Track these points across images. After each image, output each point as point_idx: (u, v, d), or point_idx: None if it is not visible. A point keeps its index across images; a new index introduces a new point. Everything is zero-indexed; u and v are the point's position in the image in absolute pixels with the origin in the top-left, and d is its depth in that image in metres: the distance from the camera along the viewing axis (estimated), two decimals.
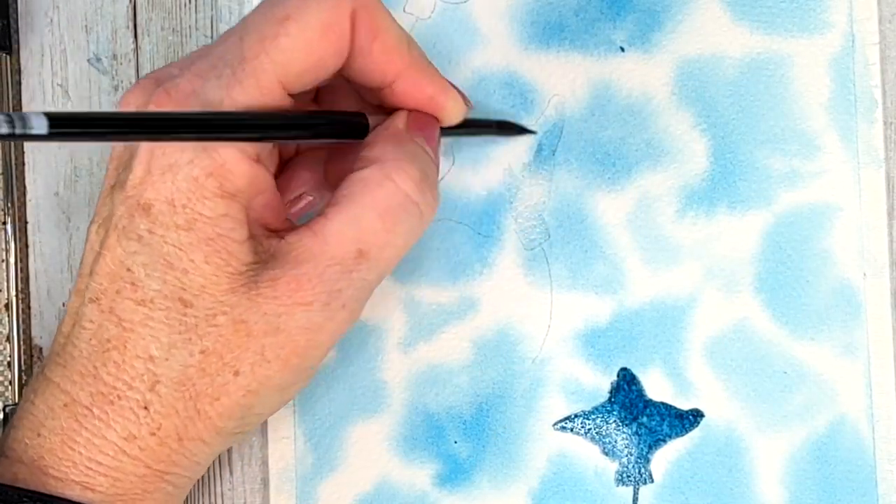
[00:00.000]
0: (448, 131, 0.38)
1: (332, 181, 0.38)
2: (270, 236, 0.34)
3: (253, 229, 0.34)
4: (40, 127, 0.27)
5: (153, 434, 0.33)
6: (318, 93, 0.38)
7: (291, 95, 0.34)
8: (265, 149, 0.34)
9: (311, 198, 0.39)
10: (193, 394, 0.33)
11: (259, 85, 0.32)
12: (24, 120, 0.26)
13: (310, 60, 0.33)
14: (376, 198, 0.34)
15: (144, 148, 0.33)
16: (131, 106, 0.34)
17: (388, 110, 0.37)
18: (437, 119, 0.37)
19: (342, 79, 0.36)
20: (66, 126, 0.27)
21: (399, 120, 0.36)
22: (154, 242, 0.33)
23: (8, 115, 0.26)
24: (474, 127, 0.40)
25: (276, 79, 0.33)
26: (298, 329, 0.34)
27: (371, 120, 0.36)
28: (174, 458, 0.34)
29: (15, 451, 0.34)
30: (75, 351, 0.34)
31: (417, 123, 0.36)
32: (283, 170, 0.38)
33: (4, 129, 0.26)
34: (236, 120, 0.32)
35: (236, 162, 0.33)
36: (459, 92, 0.37)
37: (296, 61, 0.33)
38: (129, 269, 0.33)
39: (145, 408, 0.33)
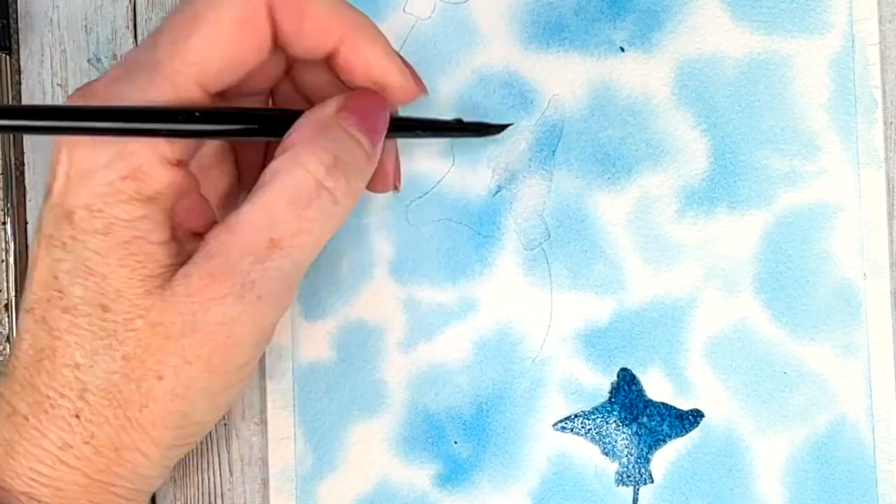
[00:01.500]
0: (404, 130, 0.37)
1: None
2: (195, 239, 0.34)
3: (178, 233, 0.34)
4: None
5: (87, 443, 0.33)
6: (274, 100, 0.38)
7: (217, 94, 0.34)
8: (187, 152, 0.34)
9: None
10: (122, 401, 0.33)
11: (175, 87, 0.32)
12: None
13: (226, 59, 0.33)
14: (285, 185, 0.33)
15: (63, 155, 0.33)
16: None
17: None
18: (382, 101, 0.36)
19: (291, 85, 0.36)
20: None
21: (329, 104, 0.35)
22: (77, 249, 0.33)
23: None
24: (436, 128, 0.39)
25: (193, 80, 0.32)
26: (215, 326, 0.33)
27: None
28: (114, 468, 0.34)
29: None
30: (16, 361, 0.34)
31: (354, 106, 0.35)
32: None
33: None
34: (150, 112, 0.32)
35: (153, 165, 0.32)
36: (410, 70, 0.36)
37: (211, 61, 0.33)
38: (55, 277, 0.33)
39: (77, 416, 0.33)
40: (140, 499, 0.35)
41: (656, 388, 0.41)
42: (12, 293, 0.41)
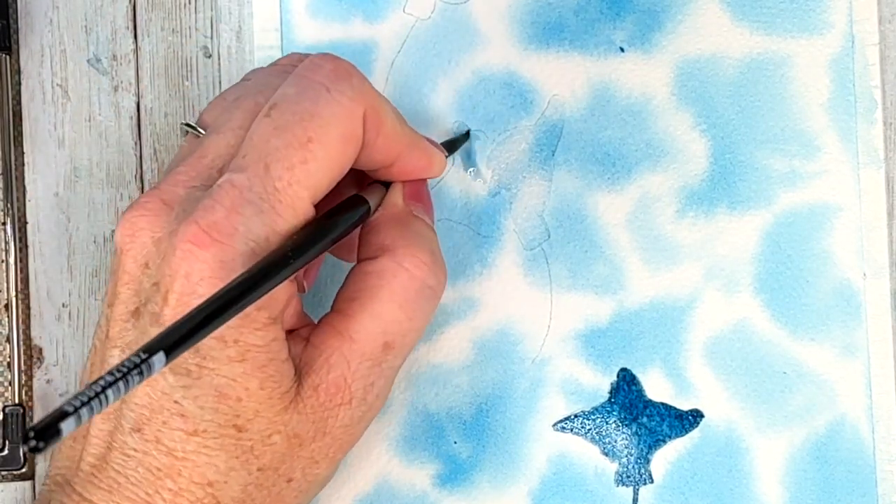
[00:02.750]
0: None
1: None
2: (292, 339, 0.35)
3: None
4: (160, 362, 0.27)
5: None
6: None
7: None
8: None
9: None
10: None
11: (296, 212, 0.32)
12: (150, 366, 0.26)
13: (335, 173, 0.34)
14: (394, 289, 0.35)
15: (181, 284, 0.32)
16: (145, 232, 0.33)
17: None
18: (425, 187, 0.38)
19: None
20: (179, 347, 0.28)
21: (397, 196, 0.37)
22: (205, 376, 0.32)
23: (139, 368, 0.26)
24: None
25: (310, 201, 0.33)
26: (342, 428, 0.35)
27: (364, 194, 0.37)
28: None
29: None
30: (120, 477, 0.33)
31: (413, 194, 0.37)
32: None
33: (138, 380, 0.26)
34: (283, 263, 0.31)
35: (281, 290, 0.32)
36: (437, 145, 0.38)
37: (324, 179, 0.33)
38: (176, 402, 0.32)
39: None
40: None
41: (656, 388, 0.41)
42: (12, 293, 0.41)
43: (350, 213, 0.35)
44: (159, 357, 0.27)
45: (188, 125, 0.36)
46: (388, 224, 0.36)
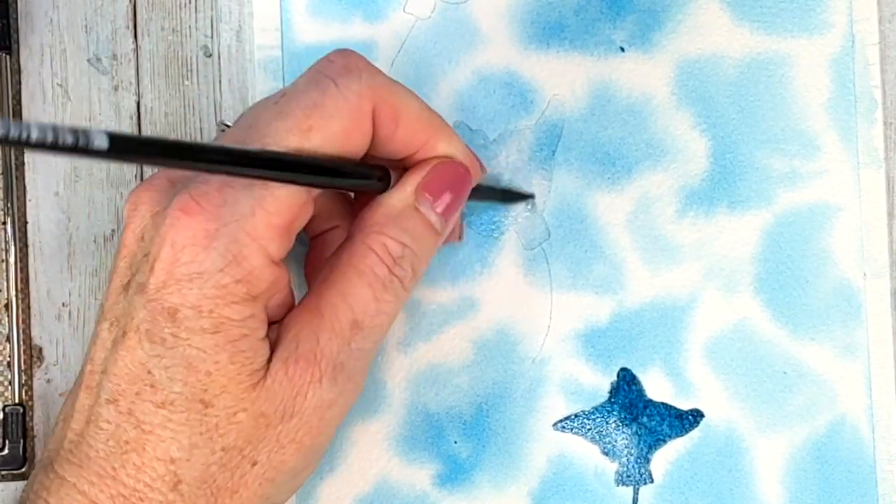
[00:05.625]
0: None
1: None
2: (274, 326, 0.35)
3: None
4: (101, 142, 0.27)
5: None
6: None
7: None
8: (287, 249, 0.34)
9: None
10: (214, 489, 0.34)
11: (288, 191, 0.33)
12: (87, 136, 0.27)
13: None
14: (362, 269, 0.35)
15: (167, 252, 0.33)
16: (146, 206, 0.34)
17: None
18: (467, 174, 0.37)
19: None
20: (126, 147, 0.28)
21: (409, 182, 0.36)
22: (178, 346, 0.33)
23: (73, 129, 0.27)
24: (480, 192, 0.40)
25: (304, 188, 0.33)
26: (311, 409, 0.34)
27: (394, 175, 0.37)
28: None
29: None
30: (91, 451, 0.33)
31: (436, 183, 0.36)
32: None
33: (69, 140, 0.27)
34: (282, 159, 0.32)
35: (263, 268, 0.33)
36: (473, 154, 0.38)
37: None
38: (149, 372, 0.33)
39: None
40: None
41: (656, 388, 0.41)
42: (12, 293, 0.41)
43: (361, 171, 0.35)
44: (100, 135, 0.27)
45: (224, 123, 0.37)
46: (380, 203, 0.36)
